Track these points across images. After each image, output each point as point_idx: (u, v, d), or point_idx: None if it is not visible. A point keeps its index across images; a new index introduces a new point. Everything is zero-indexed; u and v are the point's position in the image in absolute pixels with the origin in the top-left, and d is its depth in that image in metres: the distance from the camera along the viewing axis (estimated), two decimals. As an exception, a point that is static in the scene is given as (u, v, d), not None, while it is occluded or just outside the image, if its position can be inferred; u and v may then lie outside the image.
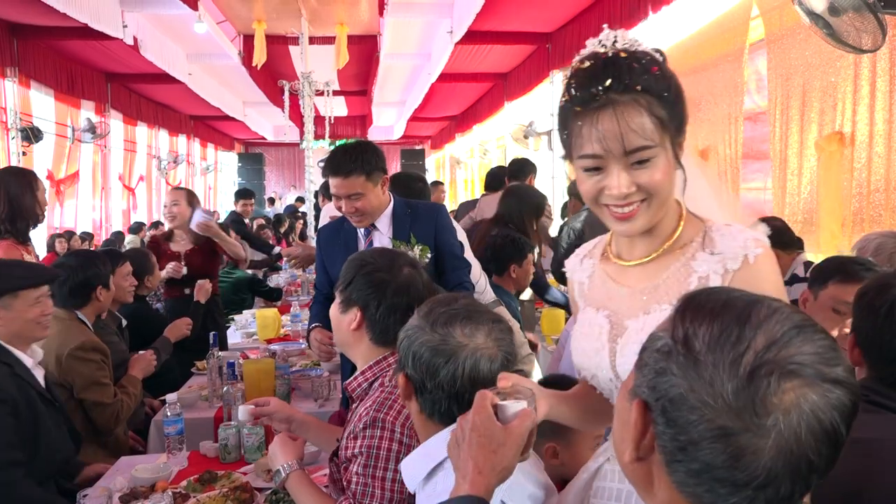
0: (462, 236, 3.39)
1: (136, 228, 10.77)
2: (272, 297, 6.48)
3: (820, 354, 0.76)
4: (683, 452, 0.78)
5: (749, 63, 4.71)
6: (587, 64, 1.28)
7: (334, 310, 2.10)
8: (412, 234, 3.06)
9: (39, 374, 2.67)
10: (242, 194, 9.09)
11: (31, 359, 2.64)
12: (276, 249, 7.96)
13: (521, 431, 1.17)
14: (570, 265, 1.59)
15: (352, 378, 2.09)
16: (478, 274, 3.45)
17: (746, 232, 1.32)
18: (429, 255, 3.04)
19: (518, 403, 1.19)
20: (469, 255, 3.36)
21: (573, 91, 1.27)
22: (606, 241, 1.50)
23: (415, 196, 3.52)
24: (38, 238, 6.24)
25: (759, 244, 1.30)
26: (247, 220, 8.96)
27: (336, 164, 2.94)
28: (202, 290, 4.45)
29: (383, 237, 3.09)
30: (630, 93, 1.24)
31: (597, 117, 1.24)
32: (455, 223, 3.37)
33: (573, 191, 5.52)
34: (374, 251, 2.23)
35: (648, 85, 1.25)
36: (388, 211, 3.08)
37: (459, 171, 16.30)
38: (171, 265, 4.56)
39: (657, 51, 1.33)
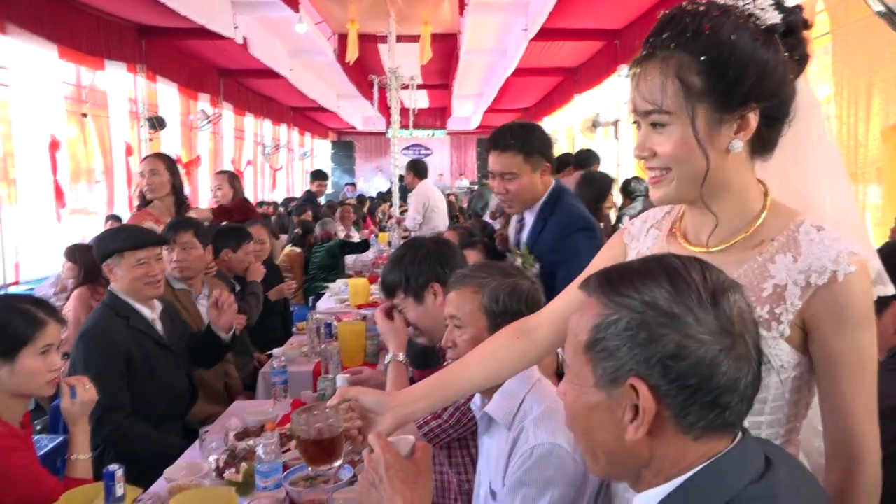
0: None
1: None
2: (360, 249, 6.64)
3: (721, 272, 0.87)
4: (698, 393, 0.81)
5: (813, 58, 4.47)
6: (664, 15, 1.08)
7: (413, 311, 2.14)
8: (538, 240, 2.53)
9: (159, 326, 2.78)
10: (317, 175, 9.24)
11: (153, 314, 2.75)
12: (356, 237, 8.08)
13: (427, 461, 1.16)
14: (634, 230, 1.33)
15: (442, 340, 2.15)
16: None
17: (841, 242, 1.05)
18: (535, 267, 2.48)
19: (407, 438, 1.19)
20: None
21: None
22: (677, 215, 1.25)
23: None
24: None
25: (853, 260, 1.04)
26: (320, 200, 9.10)
27: (496, 137, 2.54)
28: (280, 289, 4.59)
29: (526, 231, 2.65)
30: (664, 50, 1.04)
31: (635, 73, 1.09)
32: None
33: (624, 187, 5.42)
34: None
35: (684, 43, 1.02)
36: (538, 204, 2.57)
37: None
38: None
39: (781, 7, 1.05)
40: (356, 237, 8.18)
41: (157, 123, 7.95)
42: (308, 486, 1.91)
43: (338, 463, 1.34)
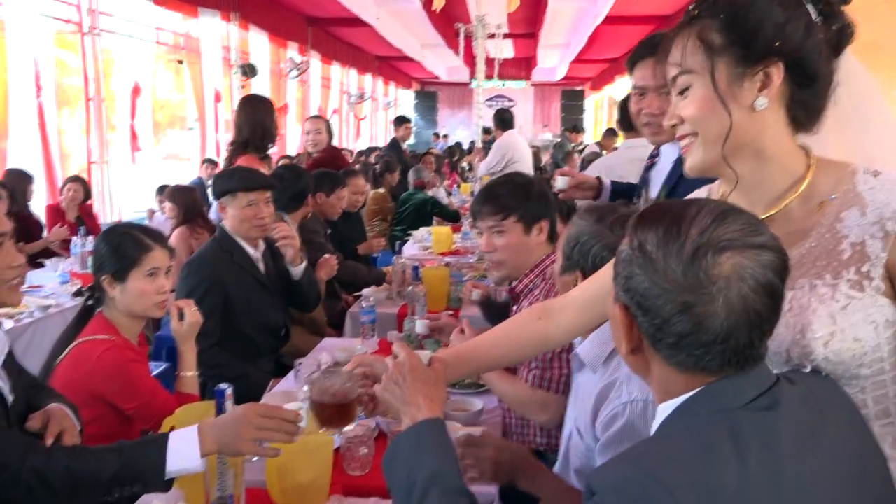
0: None
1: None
2: (451, 217, 6.65)
3: (743, 229, 0.87)
4: (661, 331, 0.89)
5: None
6: None
7: (516, 236, 2.19)
8: (679, 184, 1.97)
9: (261, 265, 2.92)
10: (401, 120, 9.30)
11: (257, 253, 2.89)
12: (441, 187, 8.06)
13: (443, 371, 1.29)
14: None
15: (517, 282, 2.19)
16: None
17: None
18: None
19: (425, 353, 1.33)
20: None
21: None
22: (717, 191, 1.20)
23: None
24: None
25: None
26: (404, 146, 9.16)
27: (648, 44, 2.05)
28: (369, 244, 4.66)
29: (660, 173, 2.19)
30: (689, 20, 1.09)
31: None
32: None
33: None
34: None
35: (706, 8, 1.07)
36: None
37: (616, 112, 15.75)
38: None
39: None
40: (441, 189, 8.20)
41: (248, 71, 8.17)
42: (397, 419, 2.00)
43: (349, 427, 1.46)
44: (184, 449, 1.39)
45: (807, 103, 1.08)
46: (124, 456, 1.38)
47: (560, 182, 2.44)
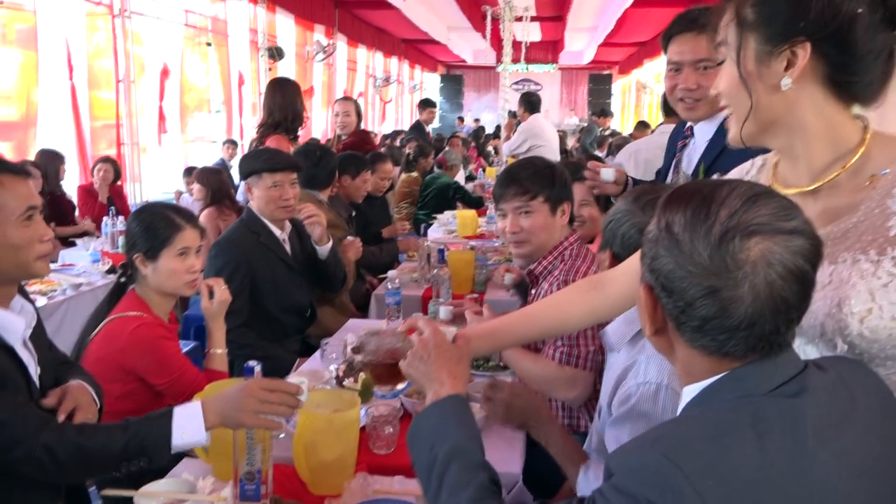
0: None
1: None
2: (474, 204, 6.61)
3: (775, 213, 0.84)
4: (685, 314, 0.88)
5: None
6: None
7: (543, 217, 2.22)
8: (720, 158, 1.90)
9: (288, 246, 2.94)
10: (426, 103, 9.30)
11: (283, 234, 2.91)
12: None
13: (467, 348, 1.33)
14: None
15: (536, 264, 2.20)
16: None
17: None
18: None
19: (450, 330, 1.35)
20: None
21: None
22: (771, 161, 1.19)
23: None
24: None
25: None
26: (428, 129, 9.15)
27: (689, 16, 1.95)
28: (394, 227, 4.66)
29: (695, 151, 2.11)
30: None
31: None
32: None
33: None
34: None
35: None
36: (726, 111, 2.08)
37: (645, 97, 15.57)
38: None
39: None
40: (461, 173, 8.18)
41: (276, 54, 8.18)
42: (421, 399, 2.01)
43: (401, 386, 1.54)
44: (188, 423, 1.43)
45: (845, 80, 1.04)
46: (130, 431, 1.42)
47: (606, 174, 2.41)
